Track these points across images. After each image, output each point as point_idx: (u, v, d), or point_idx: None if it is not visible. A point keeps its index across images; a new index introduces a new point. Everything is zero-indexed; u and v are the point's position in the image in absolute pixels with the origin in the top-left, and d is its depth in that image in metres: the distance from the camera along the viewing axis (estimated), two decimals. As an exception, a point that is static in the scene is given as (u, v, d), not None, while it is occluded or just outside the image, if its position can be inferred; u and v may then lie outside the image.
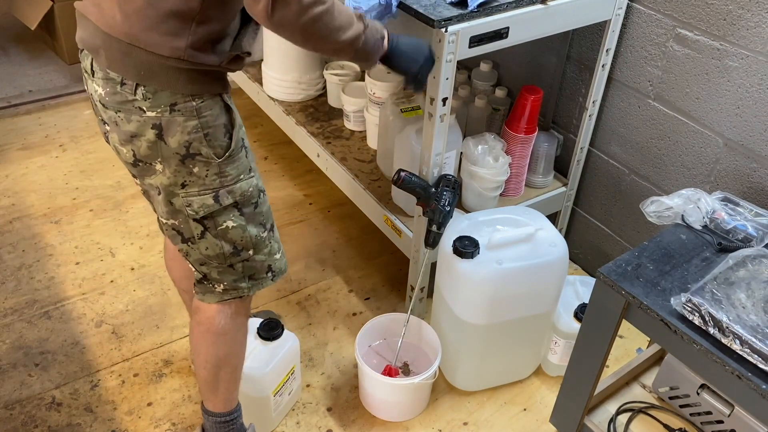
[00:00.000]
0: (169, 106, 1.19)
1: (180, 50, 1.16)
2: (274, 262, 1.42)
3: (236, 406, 1.55)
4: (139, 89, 1.18)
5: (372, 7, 1.50)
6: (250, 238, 1.34)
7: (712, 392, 1.41)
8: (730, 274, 1.22)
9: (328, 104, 2.42)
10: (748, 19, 1.55)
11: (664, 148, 1.85)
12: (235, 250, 1.34)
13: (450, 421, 1.79)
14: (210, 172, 1.25)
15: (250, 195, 1.31)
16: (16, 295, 2.09)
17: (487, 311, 1.66)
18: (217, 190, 1.26)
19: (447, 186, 1.42)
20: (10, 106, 2.96)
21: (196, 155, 1.23)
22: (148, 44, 1.15)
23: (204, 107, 1.21)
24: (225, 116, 1.24)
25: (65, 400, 1.80)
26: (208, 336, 1.43)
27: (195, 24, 1.15)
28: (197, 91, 1.20)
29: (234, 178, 1.28)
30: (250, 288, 1.40)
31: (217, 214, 1.29)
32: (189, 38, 1.15)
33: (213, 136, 1.23)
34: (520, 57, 2.17)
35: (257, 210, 1.34)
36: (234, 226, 1.31)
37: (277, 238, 1.43)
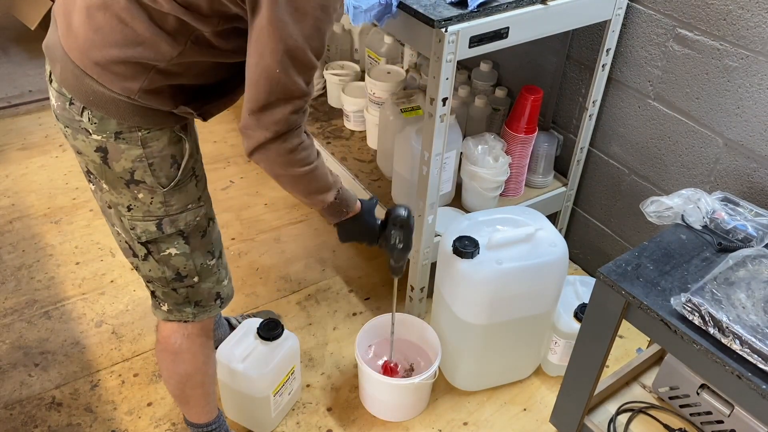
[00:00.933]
0: (114, 133, 1.16)
1: (132, 92, 1.13)
2: (222, 289, 1.40)
3: (215, 417, 1.57)
4: (86, 112, 1.15)
5: (372, 7, 1.50)
6: (195, 267, 1.32)
7: (712, 392, 1.41)
8: (730, 274, 1.22)
9: (328, 104, 2.42)
10: (748, 19, 1.55)
11: (664, 148, 1.85)
12: (177, 276, 1.32)
13: (450, 421, 1.79)
14: (155, 200, 1.23)
15: (196, 225, 1.29)
16: (16, 295, 2.09)
17: (487, 311, 1.66)
18: (160, 218, 1.24)
19: (394, 225, 1.41)
20: (10, 106, 2.96)
21: (140, 182, 1.21)
22: (100, 77, 1.13)
23: (150, 138, 1.18)
24: (174, 147, 1.21)
25: (65, 400, 1.80)
26: (166, 354, 1.44)
27: (154, 72, 1.12)
28: (145, 124, 1.17)
29: (180, 207, 1.25)
30: (195, 314, 1.38)
31: (160, 240, 1.27)
32: (144, 83, 1.12)
33: (158, 166, 1.20)
34: (520, 57, 2.17)
35: (204, 239, 1.32)
36: (177, 253, 1.29)
37: (224, 264, 1.41)
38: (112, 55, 1.10)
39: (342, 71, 2.36)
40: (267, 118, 1.10)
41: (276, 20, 1.02)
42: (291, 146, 1.15)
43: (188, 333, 1.41)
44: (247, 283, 2.18)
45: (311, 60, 1.08)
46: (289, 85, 1.08)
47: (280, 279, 2.21)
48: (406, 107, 1.95)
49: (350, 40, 2.52)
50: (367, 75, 2.16)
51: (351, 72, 2.37)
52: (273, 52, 1.04)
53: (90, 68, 1.13)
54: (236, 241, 2.34)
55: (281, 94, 1.08)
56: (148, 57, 1.10)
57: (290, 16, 1.02)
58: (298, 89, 1.09)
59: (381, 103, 2.11)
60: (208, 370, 1.50)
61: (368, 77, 2.14)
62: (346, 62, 2.43)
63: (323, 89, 2.45)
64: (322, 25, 1.06)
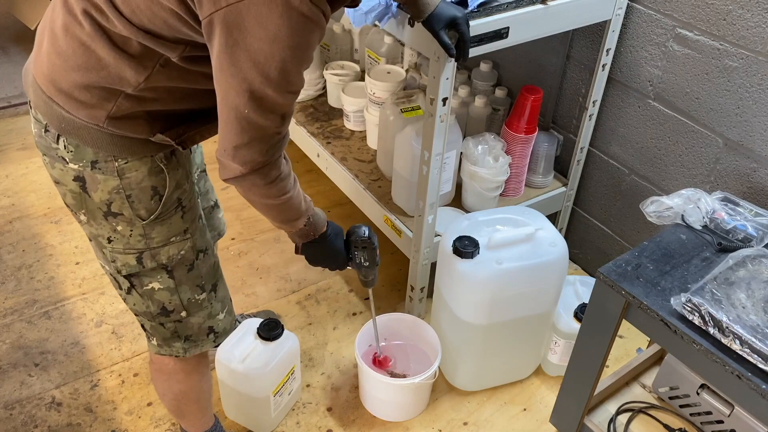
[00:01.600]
0: (90, 162, 1.11)
1: (99, 119, 1.08)
2: (217, 323, 1.35)
3: (211, 426, 1.57)
4: (61, 140, 1.11)
5: (372, 8, 1.50)
6: (181, 302, 1.27)
7: (712, 392, 1.41)
8: (730, 274, 1.22)
9: (328, 104, 2.42)
10: (748, 19, 1.55)
11: (664, 148, 1.85)
12: (163, 311, 1.27)
13: (450, 421, 1.79)
14: (134, 232, 1.17)
15: (181, 258, 1.23)
16: (16, 295, 2.09)
17: (487, 311, 1.66)
18: (141, 251, 1.19)
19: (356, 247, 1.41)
20: (10, 106, 2.96)
21: (117, 214, 1.15)
22: (65, 104, 1.08)
23: (128, 168, 1.12)
24: (155, 178, 1.14)
25: (65, 400, 1.80)
26: (160, 374, 1.42)
27: (123, 98, 1.06)
28: (120, 154, 1.11)
29: (162, 241, 1.19)
30: (186, 349, 1.33)
31: (142, 274, 1.22)
32: (112, 110, 1.07)
33: (136, 198, 1.14)
34: (520, 57, 2.17)
35: (192, 273, 1.26)
36: (161, 288, 1.24)
37: (220, 297, 1.35)
38: (74, 80, 1.06)
39: (342, 71, 2.36)
40: (242, 156, 1.05)
41: (234, 61, 0.95)
42: (269, 179, 1.11)
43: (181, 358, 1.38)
44: (247, 283, 2.18)
45: (284, 99, 1.01)
46: (261, 124, 1.02)
47: (280, 279, 2.20)
48: (406, 107, 1.95)
49: (350, 40, 2.52)
50: (367, 75, 2.16)
51: (351, 72, 2.37)
52: (238, 93, 0.98)
53: (55, 95, 1.08)
54: (236, 241, 2.34)
55: (254, 133, 1.03)
56: (112, 82, 1.05)
57: (248, 60, 0.95)
58: (271, 126, 1.03)
59: (381, 103, 2.11)
60: (203, 386, 1.48)
61: (368, 77, 2.14)
62: (346, 62, 2.42)
63: (323, 89, 2.45)
64: (292, 66, 0.98)
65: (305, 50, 0.99)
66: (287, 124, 1.08)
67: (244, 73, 0.96)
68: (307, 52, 1.00)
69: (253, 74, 0.96)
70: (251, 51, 0.94)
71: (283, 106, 1.03)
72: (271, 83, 0.97)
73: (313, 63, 2.38)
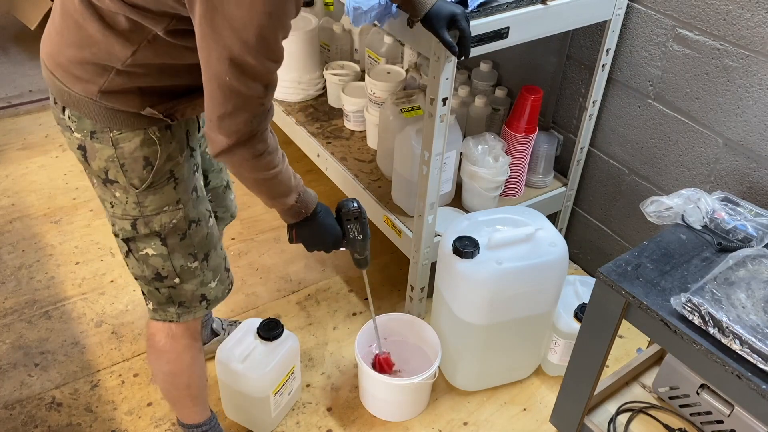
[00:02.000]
0: (90, 132, 1.18)
1: (92, 93, 1.14)
2: (209, 291, 1.39)
3: (206, 419, 1.58)
4: (66, 111, 1.19)
5: (372, 8, 1.50)
6: (174, 268, 1.32)
7: (712, 392, 1.41)
8: (730, 274, 1.22)
9: (328, 104, 2.42)
10: (748, 19, 1.55)
11: (664, 148, 1.85)
12: (157, 276, 1.32)
13: (450, 421, 1.79)
14: (129, 200, 1.24)
15: (173, 227, 1.28)
16: (16, 295, 2.09)
17: (487, 311, 1.66)
18: (135, 218, 1.26)
19: (348, 219, 1.41)
20: (10, 106, 2.96)
21: (114, 182, 1.22)
22: (63, 77, 1.16)
23: (122, 139, 1.18)
24: (147, 149, 1.20)
25: (65, 400, 1.80)
26: (152, 352, 1.46)
27: (114, 74, 1.12)
28: (114, 126, 1.17)
29: (155, 209, 1.25)
30: (179, 315, 1.38)
31: (137, 239, 1.28)
32: (104, 84, 1.13)
33: (129, 168, 1.21)
34: (520, 57, 2.17)
35: (185, 241, 1.31)
36: (154, 254, 1.30)
37: (213, 266, 1.39)
38: (70, 56, 1.13)
39: (342, 71, 2.36)
40: (227, 126, 1.09)
41: (213, 27, 0.99)
42: (256, 152, 1.15)
43: (173, 334, 1.41)
44: (247, 283, 2.18)
45: (264, 67, 1.04)
46: (244, 92, 1.05)
47: (280, 279, 2.20)
48: (406, 107, 1.95)
49: (350, 40, 2.52)
50: (367, 75, 2.16)
51: (351, 72, 2.37)
52: (219, 60, 1.01)
53: (55, 69, 1.16)
54: (236, 241, 2.34)
55: (237, 101, 1.06)
56: (103, 58, 1.10)
57: (227, 27, 0.98)
58: (254, 95, 1.07)
59: (381, 103, 2.11)
60: (195, 372, 1.49)
61: (368, 77, 2.14)
62: (346, 62, 2.42)
63: (323, 89, 2.45)
64: (270, 32, 1.01)
65: (281, 18, 1.01)
66: (270, 95, 1.11)
67: (224, 39, 0.99)
68: (284, 19, 1.02)
69: (232, 40, 0.99)
70: (229, 17, 0.97)
71: (264, 74, 1.05)
72: (250, 50, 1.00)
73: (313, 63, 2.39)
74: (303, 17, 2.41)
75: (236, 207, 1.68)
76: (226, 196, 1.60)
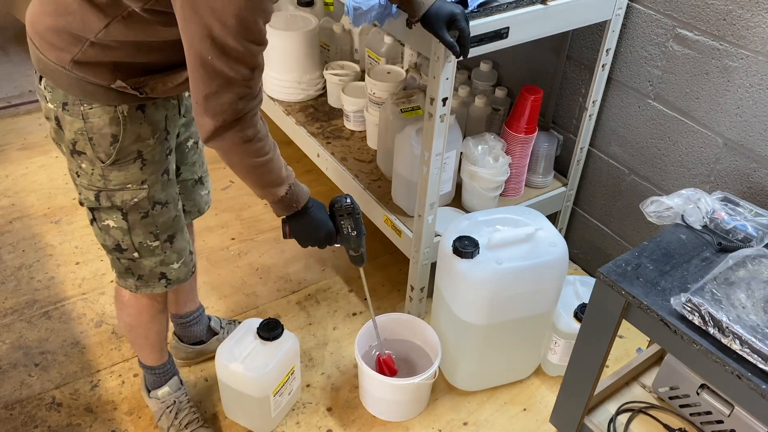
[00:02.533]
0: (62, 103, 1.22)
1: (64, 61, 1.17)
2: (170, 271, 1.44)
3: (162, 364, 1.66)
4: (43, 80, 1.22)
5: (372, 8, 1.50)
6: (133, 243, 1.36)
7: (712, 392, 1.41)
8: (730, 274, 1.22)
9: (328, 104, 2.42)
10: (748, 19, 1.55)
11: (664, 148, 1.85)
12: (117, 247, 1.37)
13: (450, 421, 1.79)
14: (95, 172, 1.27)
15: (135, 205, 1.32)
16: (16, 295, 2.09)
17: (487, 311, 1.66)
18: (99, 190, 1.29)
19: (341, 215, 1.42)
20: (10, 106, 2.96)
21: (81, 153, 1.26)
22: (39, 44, 1.19)
23: (92, 114, 1.21)
24: (114, 128, 1.23)
25: (65, 400, 1.80)
26: (116, 302, 1.55)
27: (88, 45, 1.15)
28: (84, 98, 1.20)
29: (118, 185, 1.29)
30: (137, 287, 1.43)
31: (100, 210, 1.33)
32: (77, 55, 1.15)
33: (97, 142, 1.24)
34: (520, 57, 2.17)
35: (146, 220, 1.34)
36: (115, 227, 1.34)
37: (178, 248, 1.43)
38: (47, 23, 1.16)
39: (342, 71, 2.36)
40: (212, 107, 1.10)
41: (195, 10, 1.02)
42: (246, 136, 1.16)
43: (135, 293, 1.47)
44: (247, 283, 2.18)
45: (246, 48, 1.06)
46: (227, 72, 1.07)
47: (280, 279, 2.20)
48: (406, 107, 1.95)
49: (350, 40, 2.52)
50: (367, 75, 2.16)
51: (351, 72, 2.37)
52: (201, 40, 1.04)
53: (33, 36, 1.20)
54: (236, 241, 2.34)
55: (220, 80, 1.08)
56: (77, 28, 1.13)
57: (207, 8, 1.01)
58: (237, 76, 1.08)
59: (381, 103, 2.11)
60: (153, 328, 1.57)
61: (368, 77, 2.14)
62: (346, 62, 2.43)
63: (323, 89, 2.45)
64: (249, 14, 1.03)
65: (260, 1, 1.03)
66: (257, 77, 1.12)
67: (204, 19, 1.02)
68: (263, 3, 1.04)
69: (212, 20, 1.01)
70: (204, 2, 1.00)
71: (246, 55, 1.07)
72: (230, 31, 1.02)
73: (313, 63, 2.39)
74: (303, 17, 2.41)
75: (207, 204, 1.68)
76: (195, 190, 1.61)
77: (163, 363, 1.68)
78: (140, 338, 1.60)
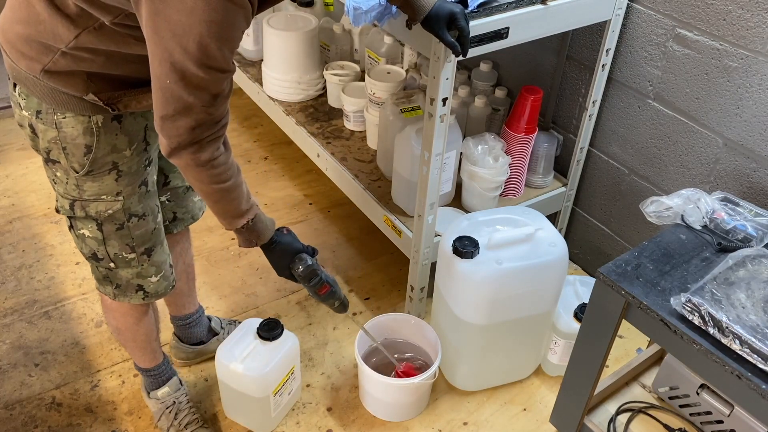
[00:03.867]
0: (36, 111, 1.20)
1: (34, 71, 1.15)
2: (148, 284, 1.42)
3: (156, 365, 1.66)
4: (17, 87, 1.21)
5: (372, 8, 1.50)
6: (108, 254, 1.35)
7: (711, 392, 1.41)
8: (729, 274, 1.22)
9: (328, 104, 2.42)
10: (748, 19, 1.55)
11: (664, 148, 1.85)
12: (93, 256, 1.37)
13: (450, 421, 1.79)
14: (69, 181, 1.26)
15: (110, 216, 1.30)
16: (16, 295, 2.09)
17: (486, 311, 1.66)
18: (74, 199, 1.29)
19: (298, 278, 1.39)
20: (10, 106, 2.96)
21: (56, 162, 1.24)
22: (10, 52, 1.18)
23: (65, 123, 1.19)
24: (88, 138, 1.21)
25: (65, 400, 1.80)
26: (102, 305, 1.55)
27: (59, 55, 1.13)
28: (59, 107, 1.18)
29: (92, 195, 1.28)
30: (115, 295, 1.43)
31: (76, 219, 1.32)
32: (48, 64, 1.13)
33: (71, 152, 1.22)
34: (520, 57, 2.17)
35: (121, 232, 1.33)
36: (90, 236, 1.33)
37: (157, 261, 1.41)
38: (18, 32, 1.14)
39: (342, 71, 2.36)
40: (167, 129, 1.08)
41: (156, 31, 0.98)
42: (200, 160, 1.13)
43: None
44: (247, 283, 2.18)
45: (207, 75, 1.01)
46: (185, 97, 1.03)
47: (280, 279, 2.19)
48: (406, 107, 1.95)
49: (350, 40, 2.52)
50: (367, 75, 2.16)
51: (351, 72, 2.37)
52: (161, 63, 1.01)
53: (5, 44, 1.18)
54: (236, 241, 2.34)
55: (177, 106, 1.04)
56: (48, 38, 1.11)
57: (168, 31, 0.97)
58: (197, 101, 1.04)
59: (381, 103, 2.11)
60: (139, 330, 1.56)
61: (368, 77, 2.14)
62: (346, 62, 2.43)
63: (323, 89, 2.45)
64: (211, 42, 0.98)
65: (224, 28, 0.99)
66: (220, 106, 1.08)
67: (165, 42, 0.99)
68: (227, 30, 0.99)
69: (173, 45, 0.98)
70: (171, 22, 0.96)
71: (207, 82, 1.03)
72: (190, 56, 0.99)
73: (313, 63, 2.39)
74: (303, 17, 2.41)
75: (201, 210, 1.66)
76: (187, 197, 1.60)
77: (158, 365, 1.67)
78: (129, 341, 1.60)
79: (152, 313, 1.58)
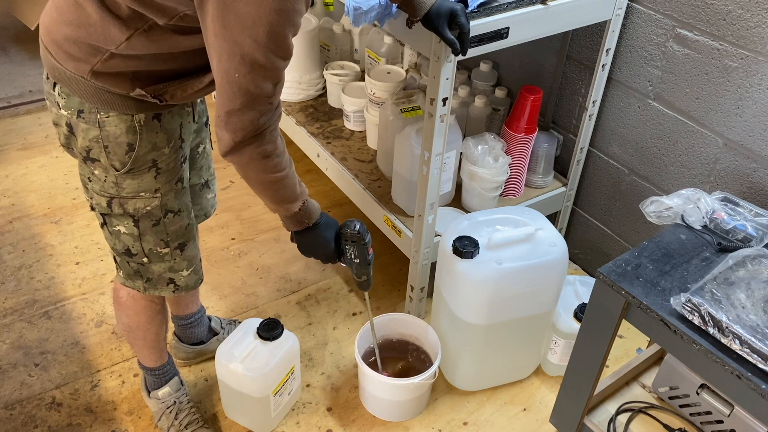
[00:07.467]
0: (77, 111, 1.21)
1: (83, 72, 1.16)
2: (179, 278, 1.44)
3: (161, 365, 1.67)
4: (57, 86, 1.21)
5: (372, 8, 1.50)
6: (143, 249, 1.36)
7: (711, 392, 1.41)
8: (729, 274, 1.22)
9: (328, 104, 2.42)
10: (748, 19, 1.55)
11: (664, 148, 1.85)
12: (127, 252, 1.37)
13: (450, 421, 1.79)
14: (108, 179, 1.27)
15: (147, 213, 1.31)
16: (16, 295, 2.09)
17: (486, 311, 1.66)
18: (112, 197, 1.29)
19: (346, 240, 1.42)
20: (10, 106, 2.96)
21: (95, 160, 1.25)
22: (56, 54, 1.18)
23: (108, 122, 1.20)
24: (131, 136, 1.22)
25: (65, 400, 1.80)
26: (115, 303, 1.55)
27: (109, 55, 1.13)
28: (104, 107, 1.19)
29: (131, 193, 1.28)
30: (146, 288, 1.44)
31: (111, 216, 1.32)
32: (96, 65, 1.14)
33: (112, 150, 1.23)
34: (520, 57, 2.17)
35: (157, 228, 1.34)
36: (126, 233, 1.34)
37: (189, 256, 1.43)
38: (65, 33, 1.14)
39: (342, 71, 2.36)
40: (234, 123, 1.10)
41: (225, 25, 1.00)
42: (264, 152, 1.16)
43: (134, 294, 1.49)
44: (247, 283, 2.18)
45: (273, 64, 1.05)
46: (252, 90, 1.07)
47: (280, 279, 2.21)
48: (406, 107, 1.95)
49: (350, 40, 2.52)
50: (367, 75, 2.16)
51: (351, 72, 2.37)
52: (230, 56, 1.03)
53: (50, 45, 1.18)
54: (236, 241, 2.34)
55: (246, 99, 1.07)
56: (98, 39, 1.12)
57: (238, 24, 0.99)
58: (261, 92, 1.08)
59: (381, 103, 2.11)
60: (151, 329, 1.57)
61: (368, 77, 2.14)
62: (346, 62, 2.43)
63: (323, 89, 2.45)
64: (280, 29, 1.02)
65: (291, 15, 1.02)
66: (278, 93, 1.12)
67: (235, 36, 1.01)
68: (293, 16, 1.03)
69: (243, 37, 1.00)
70: (240, 15, 0.99)
71: (273, 71, 1.07)
72: (261, 47, 1.02)
73: (313, 63, 2.39)
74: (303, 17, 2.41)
75: (213, 207, 1.68)
76: (202, 194, 1.61)
77: (163, 364, 1.68)
78: (138, 339, 1.60)
79: (164, 313, 1.59)
